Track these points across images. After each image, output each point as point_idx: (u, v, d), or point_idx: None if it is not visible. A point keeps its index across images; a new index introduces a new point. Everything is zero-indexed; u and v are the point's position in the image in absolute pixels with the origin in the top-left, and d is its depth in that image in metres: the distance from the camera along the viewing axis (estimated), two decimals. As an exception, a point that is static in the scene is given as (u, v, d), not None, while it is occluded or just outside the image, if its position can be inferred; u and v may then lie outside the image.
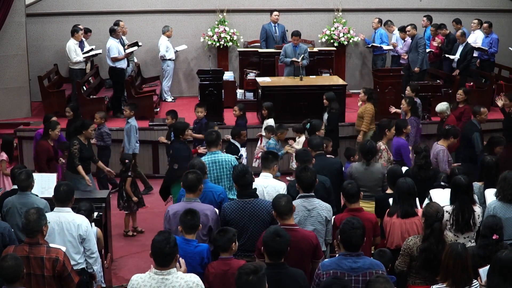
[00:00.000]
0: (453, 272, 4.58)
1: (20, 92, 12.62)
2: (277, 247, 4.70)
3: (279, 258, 4.71)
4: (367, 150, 7.52)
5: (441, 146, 8.31)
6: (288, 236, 4.79)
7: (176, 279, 4.51)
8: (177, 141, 8.61)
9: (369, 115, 10.19)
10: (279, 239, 4.70)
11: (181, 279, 4.52)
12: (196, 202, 5.83)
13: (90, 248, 5.84)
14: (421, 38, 12.54)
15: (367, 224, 5.96)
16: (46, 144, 9.01)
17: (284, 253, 4.73)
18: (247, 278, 4.05)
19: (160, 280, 4.49)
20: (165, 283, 4.49)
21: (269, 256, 4.74)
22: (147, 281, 4.51)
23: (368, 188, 7.20)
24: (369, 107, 10.23)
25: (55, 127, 9.02)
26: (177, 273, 4.56)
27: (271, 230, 4.81)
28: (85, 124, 8.77)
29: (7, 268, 4.53)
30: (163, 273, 4.50)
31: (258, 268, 4.11)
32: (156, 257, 4.54)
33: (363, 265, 4.71)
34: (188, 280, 4.54)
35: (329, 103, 10.32)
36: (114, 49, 12.25)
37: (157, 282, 4.49)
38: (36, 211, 5.20)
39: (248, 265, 4.21)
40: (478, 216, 6.04)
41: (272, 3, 14.45)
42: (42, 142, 9.06)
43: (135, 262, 8.25)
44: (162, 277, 4.50)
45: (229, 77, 13.29)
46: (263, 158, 6.81)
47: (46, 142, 9.02)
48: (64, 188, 5.86)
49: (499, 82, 12.99)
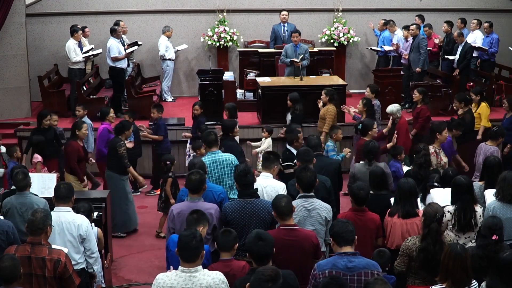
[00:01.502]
0: (453, 272, 4.58)
1: (20, 92, 12.61)
2: (260, 251, 4.65)
3: (265, 262, 4.64)
4: (368, 150, 7.53)
5: (494, 147, 8.44)
6: (271, 238, 4.74)
7: (203, 276, 4.50)
8: (228, 138, 8.68)
9: (331, 116, 10.09)
10: (261, 242, 4.66)
11: (208, 276, 4.51)
12: (200, 202, 5.84)
13: (90, 248, 5.85)
14: (423, 39, 12.55)
15: (370, 225, 5.99)
16: (76, 145, 8.90)
17: (269, 256, 4.68)
18: (267, 285, 3.99)
19: (188, 277, 4.47)
20: (192, 280, 4.47)
21: (255, 261, 4.69)
22: (174, 279, 4.49)
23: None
24: (330, 108, 10.13)
25: (81, 126, 8.95)
26: (203, 270, 4.54)
27: (252, 234, 4.77)
28: (125, 125, 8.91)
29: (4, 269, 4.53)
30: (190, 270, 4.49)
31: (277, 275, 4.05)
32: (183, 252, 4.52)
33: (359, 265, 4.71)
34: (215, 277, 4.53)
35: (293, 104, 10.28)
36: (114, 49, 12.25)
37: (184, 280, 4.47)
38: (43, 210, 5.24)
39: (268, 270, 4.13)
40: (480, 216, 6.04)
41: (272, 3, 14.45)
42: (72, 142, 8.93)
43: (135, 262, 8.25)
44: (189, 274, 4.48)
45: (229, 77, 13.29)
46: (265, 158, 6.80)
47: (75, 142, 8.91)
48: (64, 186, 5.89)
49: (499, 82, 12.99)
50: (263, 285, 3.98)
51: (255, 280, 4.03)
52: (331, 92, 10.37)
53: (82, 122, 9.25)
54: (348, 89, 12.89)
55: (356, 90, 14.35)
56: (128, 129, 8.96)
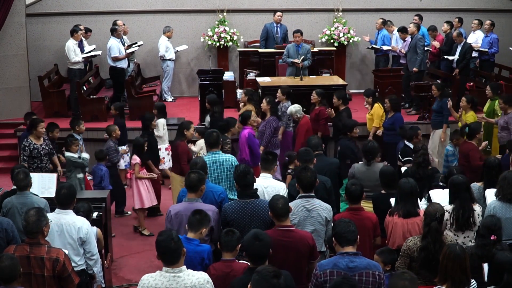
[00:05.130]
0: (452, 274, 4.57)
1: (20, 92, 12.61)
2: (257, 251, 4.66)
3: (261, 261, 4.64)
4: (368, 150, 7.52)
5: None
6: (268, 239, 4.74)
7: (187, 276, 4.51)
8: (345, 138, 8.99)
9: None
10: (258, 243, 4.66)
11: (192, 276, 4.52)
12: (198, 202, 5.82)
13: (90, 250, 5.83)
14: (421, 39, 12.52)
15: (367, 223, 5.98)
16: (185, 145, 8.79)
17: (265, 256, 4.68)
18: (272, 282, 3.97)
19: (172, 277, 4.48)
20: (177, 280, 4.47)
21: (251, 260, 4.69)
22: (159, 279, 4.49)
23: (370, 188, 7.17)
24: (250, 109, 10.09)
25: (189, 126, 8.86)
26: (187, 270, 4.55)
27: (250, 234, 4.76)
28: (230, 123, 8.81)
29: (3, 268, 4.52)
30: (174, 270, 4.49)
31: (279, 272, 4.05)
32: (164, 256, 4.52)
33: (360, 265, 4.70)
34: (199, 277, 4.54)
35: (211, 107, 10.26)
36: (115, 49, 12.26)
37: (168, 280, 4.48)
38: (35, 212, 5.16)
39: (269, 267, 4.12)
40: (478, 215, 6.04)
41: (272, 3, 14.45)
42: (182, 143, 8.76)
43: (135, 262, 8.25)
44: (173, 274, 4.48)
45: (229, 77, 13.29)
46: (263, 159, 6.76)
47: (184, 143, 8.80)
48: (64, 191, 5.83)
49: (499, 82, 12.97)
50: (270, 281, 3.97)
51: (261, 277, 4.00)
52: (250, 92, 10.50)
53: (190, 122, 9.14)
54: (348, 89, 12.88)
55: (356, 90, 14.35)
56: (233, 126, 8.79)
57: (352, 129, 8.95)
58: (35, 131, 8.77)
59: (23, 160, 8.76)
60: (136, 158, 8.94)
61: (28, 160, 8.69)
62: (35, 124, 8.81)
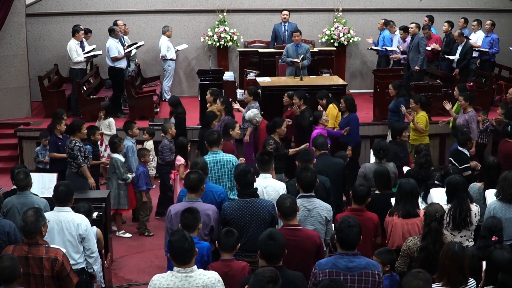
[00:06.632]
0: (449, 271, 4.59)
1: (20, 92, 12.61)
2: (271, 250, 4.65)
3: (275, 261, 4.64)
4: (379, 148, 7.52)
5: None
6: (282, 239, 4.73)
7: (199, 276, 4.51)
8: (393, 142, 8.92)
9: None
10: (272, 242, 4.65)
11: (204, 276, 4.52)
12: (198, 202, 5.83)
13: (90, 247, 5.83)
14: (422, 38, 12.53)
15: (369, 224, 5.98)
16: (230, 145, 8.68)
17: (280, 256, 4.68)
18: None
19: (184, 277, 4.47)
20: (188, 280, 4.47)
21: (266, 260, 4.69)
22: (170, 279, 4.48)
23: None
24: (214, 109, 10.03)
25: (235, 126, 8.79)
26: (199, 270, 4.55)
27: (265, 233, 4.76)
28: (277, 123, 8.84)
29: (3, 269, 4.52)
30: (186, 270, 4.48)
31: (277, 277, 4.04)
32: (177, 256, 4.50)
33: (359, 265, 4.69)
34: (211, 276, 4.54)
35: (174, 108, 10.25)
36: (113, 49, 12.26)
37: (180, 280, 4.46)
38: (33, 212, 5.16)
39: (267, 271, 4.11)
40: (475, 214, 6.05)
41: (272, 3, 14.45)
42: (227, 143, 8.55)
43: (135, 262, 8.25)
44: (185, 274, 4.47)
45: (229, 77, 13.29)
46: (260, 161, 6.66)
47: (230, 142, 8.70)
48: (62, 188, 5.84)
49: (499, 82, 12.98)
50: (265, 286, 3.98)
51: (256, 281, 4.02)
52: (216, 92, 10.42)
53: (235, 121, 9.07)
54: (348, 89, 12.88)
55: (356, 90, 14.35)
56: (280, 126, 8.80)
57: (401, 133, 8.84)
58: (79, 133, 8.63)
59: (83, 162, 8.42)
60: (181, 159, 8.83)
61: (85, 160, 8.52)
62: (79, 126, 8.68)
